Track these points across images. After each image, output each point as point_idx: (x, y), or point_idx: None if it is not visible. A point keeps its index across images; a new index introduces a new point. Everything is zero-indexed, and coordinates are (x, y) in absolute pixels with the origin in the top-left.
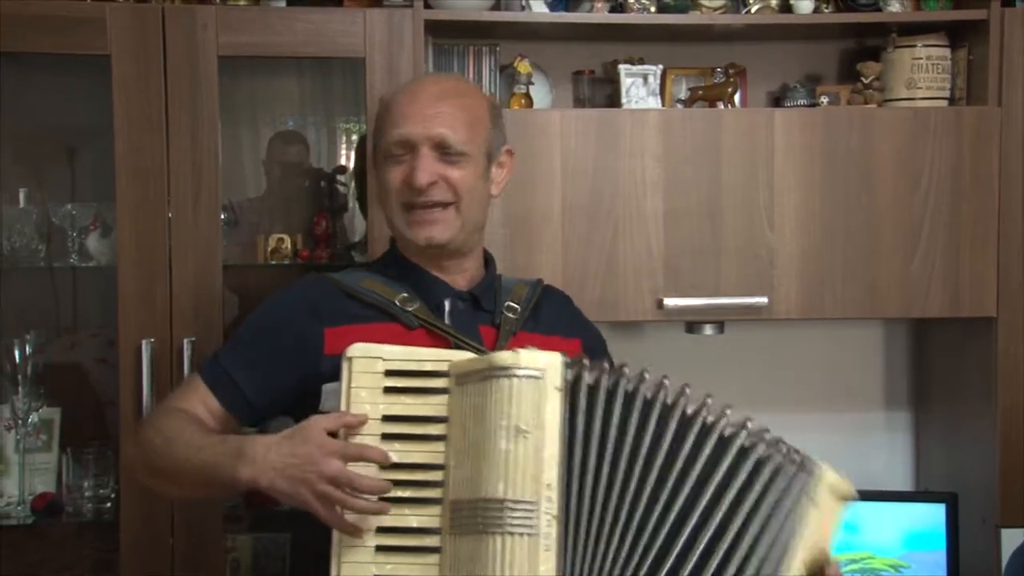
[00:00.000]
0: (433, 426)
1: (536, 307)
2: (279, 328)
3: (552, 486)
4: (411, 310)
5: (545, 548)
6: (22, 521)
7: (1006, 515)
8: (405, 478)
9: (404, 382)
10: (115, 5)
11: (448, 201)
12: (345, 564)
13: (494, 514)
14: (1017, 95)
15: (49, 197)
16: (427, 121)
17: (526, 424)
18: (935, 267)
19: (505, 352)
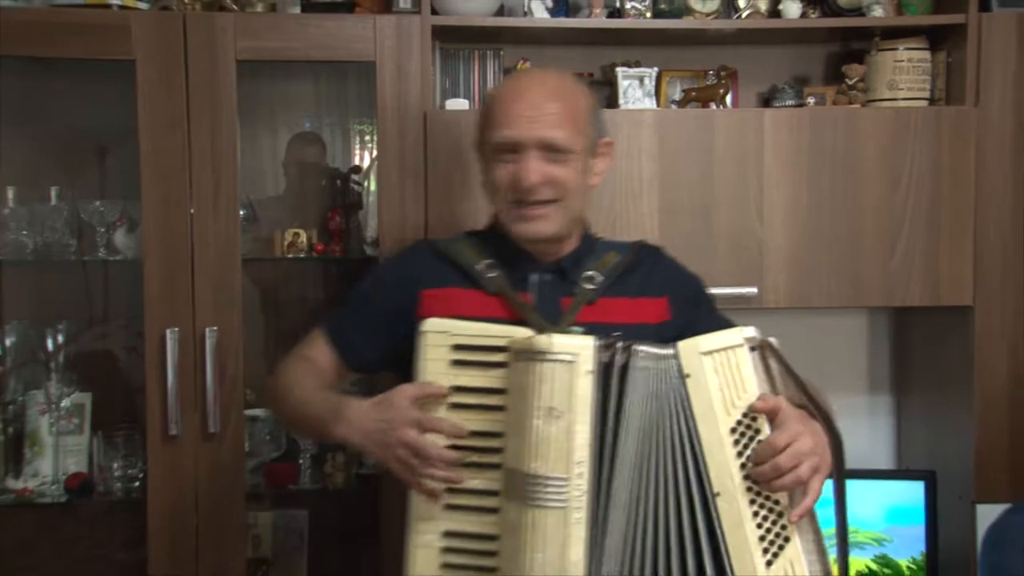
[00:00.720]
0: (494, 397)
1: (628, 271)
2: (383, 294)
3: (583, 462)
4: (491, 277)
5: (576, 521)
6: (56, 499)
7: (981, 492)
8: (469, 444)
9: (469, 356)
10: (139, 13)
11: (554, 198)
12: (417, 520)
13: (531, 488)
14: (993, 96)
15: (79, 195)
16: (533, 123)
17: (559, 405)
18: (915, 259)
19: (542, 336)
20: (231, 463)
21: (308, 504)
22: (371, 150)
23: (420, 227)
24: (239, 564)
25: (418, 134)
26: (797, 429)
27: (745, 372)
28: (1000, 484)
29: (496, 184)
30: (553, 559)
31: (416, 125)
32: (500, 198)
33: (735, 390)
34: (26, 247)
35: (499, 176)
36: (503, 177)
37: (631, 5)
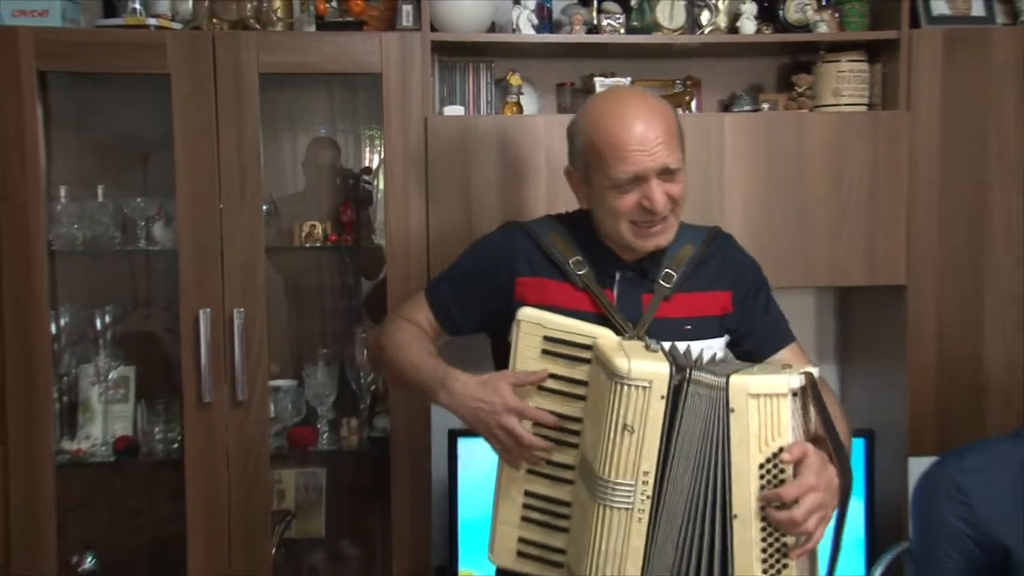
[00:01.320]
0: (576, 387)
1: (700, 264)
2: (482, 271)
3: (648, 473)
4: (580, 274)
5: (638, 520)
6: (105, 459)
7: (913, 447)
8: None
9: (557, 348)
10: (173, 32)
11: (671, 209)
12: (506, 479)
13: (601, 488)
14: (922, 102)
15: (122, 193)
16: (652, 155)
17: (633, 423)
18: (856, 244)
19: (619, 356)
20: (257, 427)
21: (326, 463)
22: (379, 152)
23: (422, 219)
24: (265, 515)
25: (420, 137)
26: (811, 484)
27: (784, 419)
28: (929, 440)
29: (617, 211)
30: (617, 547)
31: (418, 129)
32: (620, 223)
33: (771, 431)
34: (76, 239)
35: (621, 204)
36: (626, 205)
37: (607, 22)
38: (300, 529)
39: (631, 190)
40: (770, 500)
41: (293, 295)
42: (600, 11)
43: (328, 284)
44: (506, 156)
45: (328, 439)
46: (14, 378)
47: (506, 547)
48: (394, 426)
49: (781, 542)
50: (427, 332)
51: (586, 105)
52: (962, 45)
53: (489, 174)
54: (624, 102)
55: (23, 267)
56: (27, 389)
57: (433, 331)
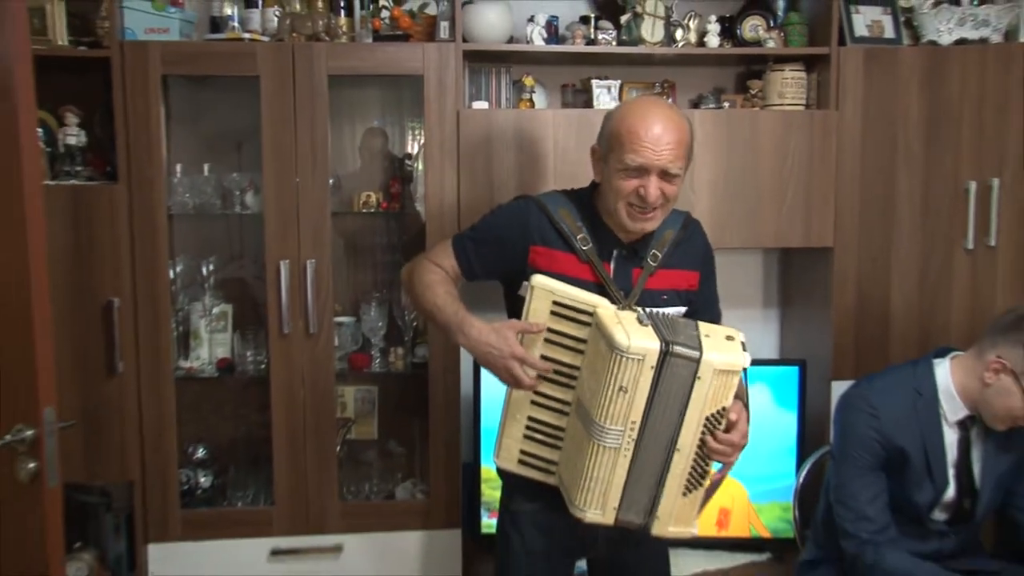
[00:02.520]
0: (577, 343)
1: (678, 246)
2: (502, 235)
3: (635, 423)
4: (585, 249)
5: (624, 456)
6: (210, 375)
7: (835, 373)
8: (555, 367)
9: (563, 311)
10: (262, 44)
11: (661, 205)
12: (512, 407)
13: (597, 430)
14: (848, 104)
15: (222, 169)
16: (659, 155)
17: (627, 385)
18: (795, 214)
19: (618, 329)
20: (324, 353)
21: (377, 382)
22: (419, 140)
23: (454, 191)
24: (331, 421)
25: (453, 126)
26: (743, 431)
27: (732, 387)
28: (848, 367)
29: (619, 190)
30: (605, 476)
31: (451, 120)
32: (620, 201)
33: (721, 395)
34: (188, 205)
35: (624, 186)
36: (627, 187)
37: (602, 37)
38: (358, 432)
39: (634, 177)
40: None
41: (352, 250)
42: (596, 28)
43: (379, 242)
44: (521, 142)
45: (379, 363)
46: (143, 313)
47: (510, 455)
48: (432, 354)
49: (700, 472)
50: (449, 275)
51: (625, 102)
52: (877, 60)
53: (507, 156)
54: (653, 107)
55: (149, 228)
56: (153, 321)
57: (454, 275)
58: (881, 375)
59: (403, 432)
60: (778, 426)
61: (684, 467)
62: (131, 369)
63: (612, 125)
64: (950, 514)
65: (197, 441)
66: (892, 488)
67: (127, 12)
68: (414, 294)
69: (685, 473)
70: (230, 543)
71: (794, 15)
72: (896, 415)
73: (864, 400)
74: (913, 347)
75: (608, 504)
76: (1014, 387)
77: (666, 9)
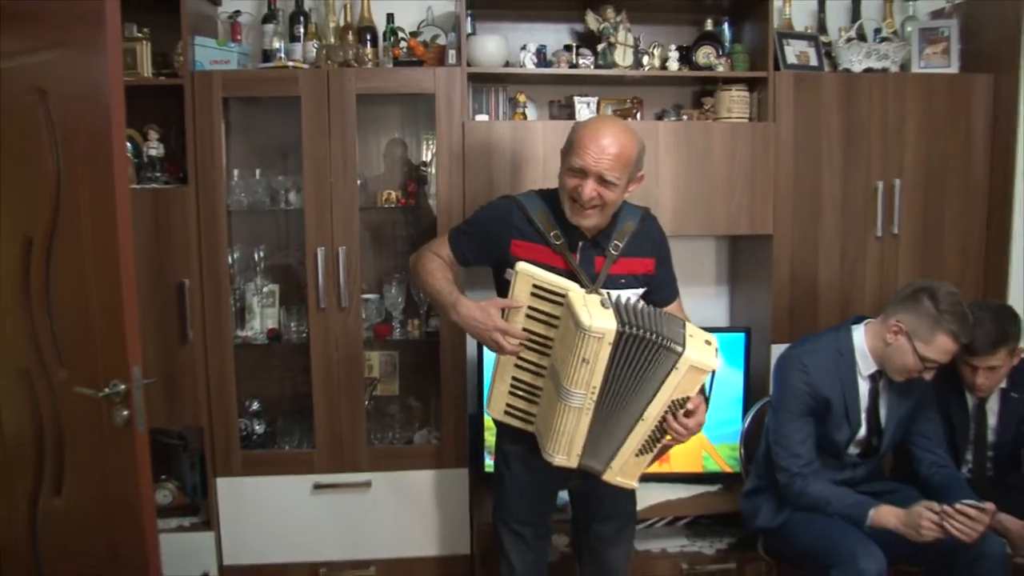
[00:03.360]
0: (552, 319)
1: (635, 237)
2: (488, 230)
3: (595, 388)
4: (558, 243)
5: (586, 414)
6: (262, 343)
7: (774, 338)
8: (533, 340)
9: (542, 293)
10: (303, 70)
11: (598, 206)
12: (500, 370)
13: (565, 393)
14: (782, 118)
15: (271, 173)
16: (598, 163)
17: (589, 357)
18: (742, 207)
19: (584, 311)
20: (354, 324)
21: (398, 348)
22: (432, 149)
23: (460, 190)
24: (360, 380)
25: (459, 136)
26: (700, 420)
27: (700, 383)
28: (784, 333)
29: (563, 186)
30: (570, 429)
31: (458, 130)
32: (564, 194)
33: (689, 386)
34: (243, 203)
35: (567, 182)
36: (570, 184)
37: (582, 62)
38: (382, 389)
39: (576, 177)
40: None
41: (376, 238)
42: (578, 54)
43: (399, 232)
44: (515, 148)
45: (399, 332)
46: (208, 292)
47: (498, 408)
48: (442, 324)
49: (654, 440)
50: (447, 263)
51: (593, 116)
52: (805, 83)
53: (504, 160)
54: (605, 125)
55: (212, 222)
56: (215, 298)
57: (451, 263)
58: (810, 338)
59: (420, 389)
60: (728, 382)
61: (644, 434)
62: (199, 337)
63: (572, 133)
64: (861, 449)
65: (252, 396)
66: (817, 430)
67: (197, 48)
68: (419, 279)
69: (643, 439)
70: (280, 478)
71: (738, 46)
72: (822, 371)
73: (797, 359)
74: (835, 315)
75: (573, 452)
76: (908, 345)
77: (635, 40)
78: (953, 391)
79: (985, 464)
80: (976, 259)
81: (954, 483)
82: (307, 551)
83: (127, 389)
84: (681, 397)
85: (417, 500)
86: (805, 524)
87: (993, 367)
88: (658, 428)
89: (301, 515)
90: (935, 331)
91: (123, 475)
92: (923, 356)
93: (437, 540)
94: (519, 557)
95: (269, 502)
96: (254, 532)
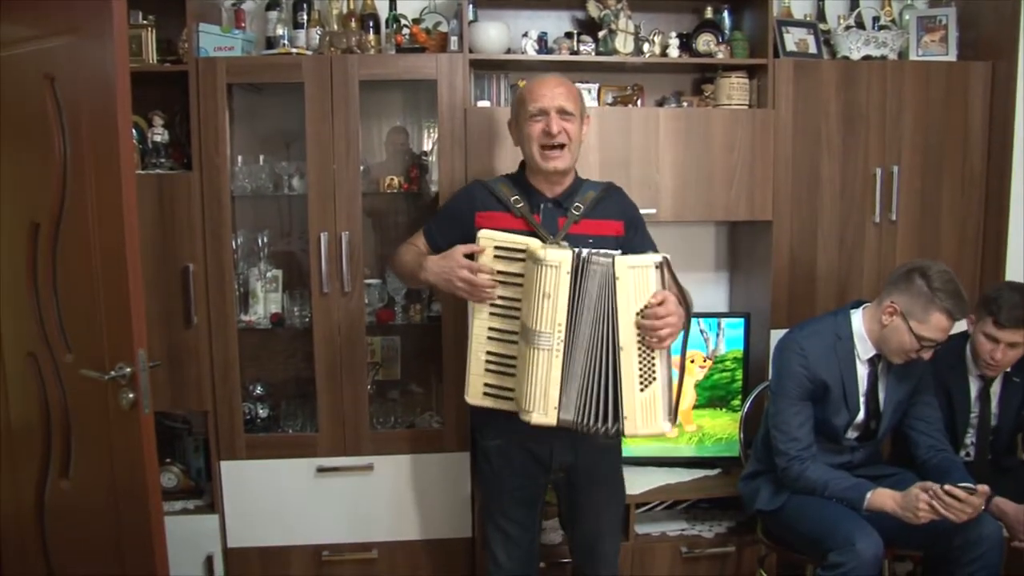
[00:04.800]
0: (516, 278)
1: (599, 202)
2: (455, 211)
3: (561, 324)
4: (519, 207)
5: (556, 356)
6: (265, 327)
7: (774, 323)
8: (504, 304)
9: (504, 253)
10: (306, 56)
11: (565, 143)
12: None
13: (532, 337)
14: (782, 104)
15: (274, 158)
16: (554, 99)
17: (550, 290)
18: (742, 193)
19: (543, 249)
20: (357, 309)
21: (400, 332)
22: (433, 138)
23: (462, 174)
24: (363, 365)
25: (461, 121)
26: (670, 309)
27: (651, 282)
28: (783, 318)
29: (530, 136)
30: (543, 376)
31: (460, 116)
32: (533, 145)
33: (643, 291)
34: (247, 189)
35: (533, 130)
36: (536, 130)
37: (583, 48)
38: (384, 374)
39: (539, 120)
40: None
41: (379, 223)
42: (579, 41)
43: (401, 217)
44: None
45: (401, 317)
46: (212, 277)
47: (476, 390)
48: (444, 309)
49: (650, 364)
50: (422, 250)
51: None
52: (804, 70)
53: (506, 146)
54: (547, 75)
55: (216, 207)
56: (219, 283)
57: (425, 250)
58: (809, 323)
59: (421, 373)
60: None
61: (631, 363)
62: (203, 321)
63: (517, 96)
64: (860, 433)
65: (256, 380)
66: (816, 414)
67: (202, 35)
68: (395, 264)
69: (635, 369)
70: (284, 461)
71: (738, 33)
72: (820, 355)
73: (795, 344)
74: (833, 300)
75: (549, 404)
76: (903, 325)
77: (635, 27)
78: (956, 374)
79: (986, 448)
80: (973, 244)
81: (951, 467)
82: (310, 534)
83: (133, 372)
84: (643, 306)
85: (419, 483)
86: (803, 507)
87: (1014, 344)
88: (643, 351)
89: (304, 498)
90: (929, 309)
91: (129, 458)
92: (919, 335)
93: (439, 523)
94: (505, 553)
95: (273, 485)
96: (258, 515)
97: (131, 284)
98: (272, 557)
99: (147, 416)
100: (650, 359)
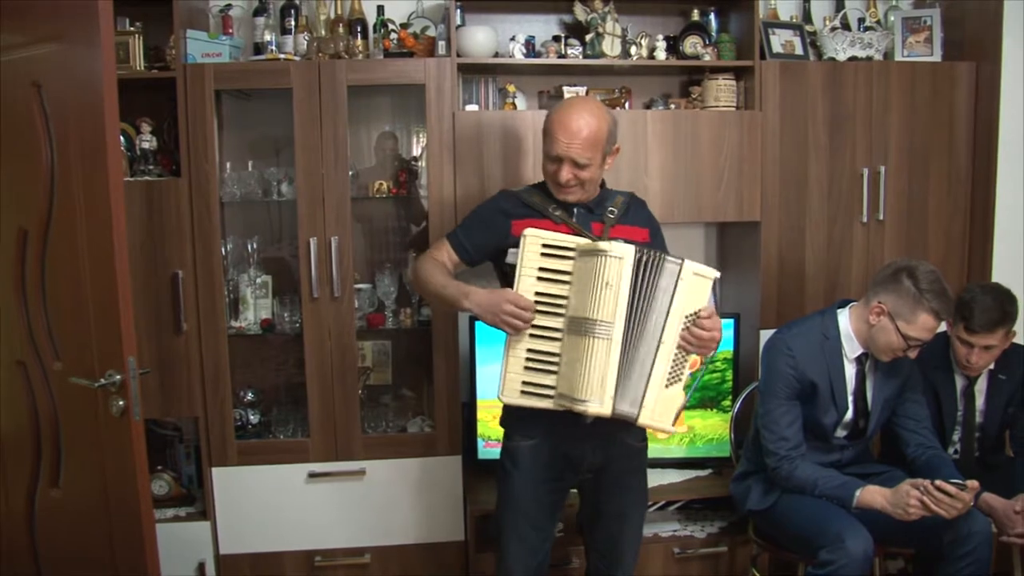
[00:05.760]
0: (564, 275)
1: (627, 210)
2: (486, 220)
3: (620, 315)
4: (557, 214)
5: (615, 345)
6: (255, 333)
7: (762, 323)
8: (547, 300)
9: (551, 251)
10: (295, 62)
11: (577, 185)
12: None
13: (590, 326)
14: (769, 106)
15: (263, 164)
16: (570, 149)
17: (611, 281)
18: (730, 194)
19: (606, 242)
20: (347, 314)
21: (391, 337)
22: (422, 143)
23: (452, 180)
24: (354, 369)
25: (449, 125)
26: (716, 324)
27: (707, 292)
28: (772, 318)
29: (544, 171)
30: (600, 365)
31: (448, 120)
32: (547, 178)
33: (698, 297)
34: (236, 195)
35: (547, 169)
36: (551, 170)
37: (571, 51)
38: (375, 378)
39: (553, 163)
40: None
41: (368, 228)
42: (566, 44)
43: (391, 222)
44: (505, 138)
45: (392, 321)
46: (202, 283)
47: (513, 389)
48: (434, 313)
49: (681, 365)
50: (447, 265)
51: (562, 101)
52: (790, 72)
53: (494, 150)
54: (573, 110)
55: (205, 213)
56: (209, 289)
57: (452, 264)
58: (797, 323)
59: (413, 378)
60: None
61: (667, 359)
62: (193, 328)
63: (545, 122)
64: (848, 431)
65: (247, 386)
66: (805, 413)
67: (189, 41)
68: (420, 282)
69: (668, 365)
70: (275, 467)
71: (725, 35)
72: (808, 355)
73: (783, 343)
74: (821, 300)
75: (606, 393)
76: (890, 325)
77: (622, 30)
78: (942, 373)
79: (972, 445)
80: (960, 243)
81: (941, 463)
82: (302, 539)
83: (123, 379)
84: (694, 311)
85: (411, 488)
86: (794, 506)
87: (989, 346)
88: (679, 352)
89: (296, 504)
90: (916, 310)
91: (120, 465)
92: (906, 335)
93: (431, 527)
94: (522, 564)
95: (264, 491)
96: (250, 521)
97: (120, 291)
98: (265, 563)
99: (137, 423)
100: (683, 361)
